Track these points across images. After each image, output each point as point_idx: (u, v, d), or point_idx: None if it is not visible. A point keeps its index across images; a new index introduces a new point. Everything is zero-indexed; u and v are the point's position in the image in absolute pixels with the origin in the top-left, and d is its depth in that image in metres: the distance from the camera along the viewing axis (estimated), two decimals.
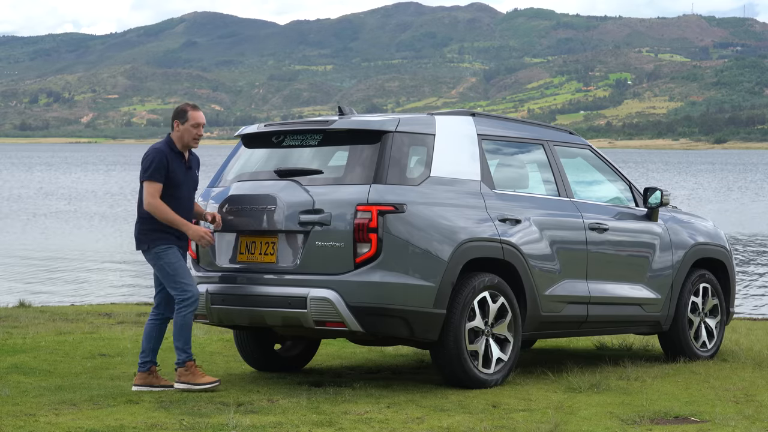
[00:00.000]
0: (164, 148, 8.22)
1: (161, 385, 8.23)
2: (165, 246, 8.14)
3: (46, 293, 19.96)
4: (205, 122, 8.36)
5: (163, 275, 8.18)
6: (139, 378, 8.25)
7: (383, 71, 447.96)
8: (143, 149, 8.63)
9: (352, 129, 8.40)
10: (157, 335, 8.32)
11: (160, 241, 8.15)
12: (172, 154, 8.21)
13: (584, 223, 9.31)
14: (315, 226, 8.09)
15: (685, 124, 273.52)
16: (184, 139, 8.26)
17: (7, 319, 13.26)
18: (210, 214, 8.44)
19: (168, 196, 8.17)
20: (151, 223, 8.16)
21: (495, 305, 8.45)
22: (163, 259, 8.14)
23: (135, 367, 9.25)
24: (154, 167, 8.13)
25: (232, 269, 8.51)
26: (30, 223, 37.96)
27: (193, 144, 8.31)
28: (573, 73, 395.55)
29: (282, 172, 8.50)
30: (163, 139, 8.34)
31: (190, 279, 8.20)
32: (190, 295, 8.13)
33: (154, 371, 8.27)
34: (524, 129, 9.48)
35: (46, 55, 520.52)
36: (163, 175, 8.13)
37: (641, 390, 8.48)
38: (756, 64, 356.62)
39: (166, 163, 8.14)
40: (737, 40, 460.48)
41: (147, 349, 8.29)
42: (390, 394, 8.12)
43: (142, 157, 8.27)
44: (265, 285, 8.26)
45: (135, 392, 8.08)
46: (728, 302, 10.60)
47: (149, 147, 8.33)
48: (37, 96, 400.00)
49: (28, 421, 7.01)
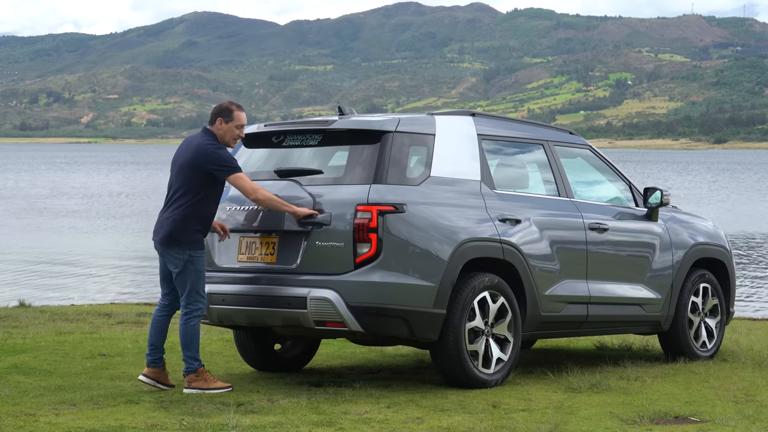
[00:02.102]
0: (216, 142, 8.11)
1: (167, 385, 8.21)
2: (201, 253, 8.08)
3: (46, 293, 19.96)
4: (246, 124, 8.33)
5: (185, 279, 8.05)
6: (152, 372, 8.21)
7: (383, 71, 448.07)
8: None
9: (352, 129, 8.39)
10: (166, 329, 8.30)
11: (198, 245, 8.06)
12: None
13: (584, 223, 9.31)
14: (315, 227, 8.09)
15: (685, 124, 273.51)
16: (226, 138, 8.17)
17: (7, 319, 13.26)
18: (219, 225, 8.40)
19: (215, 192, 8.09)
20: (194, 223, 8.04)
21: (495, 305, 8.45)
22: (195, 265, 8.06)
23: (135, 367, 9.25)
24: (231, 158, 8.05)
25: (232, 269, 8.51)
26: (30, 223, 37.97)
27: (233, 144, 8.22)
28: (573, 73, 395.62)
29: (282, 172, 8.49)
30: (204, 135, 8.16)
31: (205, 290, 8.18)
32: (201, 306, 8.11)
33: (165, 368, 8.26)
34: (524, 129, 9.48)
35: (46, 55, 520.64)
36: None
37: (641, 390, 8.48)
38: (756, 64, 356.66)
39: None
40: (737, 40, 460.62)
41: (159, 344, 8.23)
42: (390, 394, 8.12)
43: (201, 155, 8.00)
44: (264, 285, 8.26)
45: (135, 392, 8.07)
46: (728, 302, 10.60)
47: (199, 144, 8.08)
48: (37, 96, 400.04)
49: (28, 421, 7.01)
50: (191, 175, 8.03)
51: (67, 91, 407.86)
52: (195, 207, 8.03)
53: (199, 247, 8.09)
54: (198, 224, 8.06)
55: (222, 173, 8.02)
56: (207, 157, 8.02)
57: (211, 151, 8.04)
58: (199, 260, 8.09)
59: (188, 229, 8.04)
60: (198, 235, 8.08)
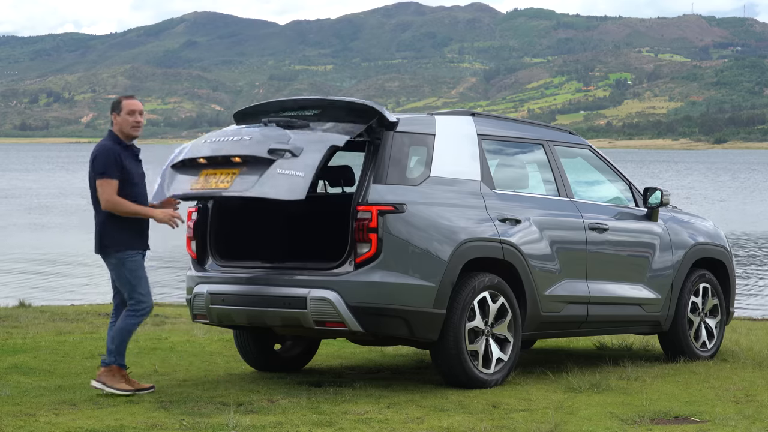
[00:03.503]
0: (111, 144, 8.04)
1: (135, 389, 8.04)
2: (131, 252, 8.00)
3: (46, 293, 19.95)
4: (141, 108, 8.13)
5: (122, 282, 8.03)
6: (103, 374, 8.06)
7: (383, 71, 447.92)
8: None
9: (349, 103, 8.35)
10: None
11: (125, 247, 7.99)
12: (119, 149, 8.04)
13: (584, 223, 9.31)
14: (281, 155, 7.90)
15: (685, 124, 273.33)
16: (124, 129, 8.07)
17: (7, 319, 13.26)
18: (168, 214, 8.13)
19: (126, 192, 7.99)
20: (115, 226, 7.98)
21: (495, 305, 8.44)
22: (127, 265, 7.99)
23: (135, 367, 9.25)
24: (108, 164, 7.93)
25: (231, 267, 8.53)
26: (32, 222, 37.96)
27: (134, 132, 8.09)
28: (573, 73, 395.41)
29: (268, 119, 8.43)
30: (104, 138, 8.15)
31: (148, 290, 8.08)
32: (144, 305, 8.02)
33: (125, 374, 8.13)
34: (524, 129, 9.48)
35: (46, 55, 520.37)
36: (118, 172, 7.94)
37: (641, 390, 8.48)
38: (756, 64, 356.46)
39: (120, 159, 7.97)
40: (737, 40, 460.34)
41: (113, 349, 8.15)
42: (390, 394, 8.12)
43: (90, 158, 8.06)
44: (264, 285, 8.26)
45: (135, 393, 8.07)
46: (728, 302, 10.60)
47: (95, 146, 8.12)
48: (37, 96, 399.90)
49: (28, 421, 7.02)
50: (92, 181, 8.06)
51: (67, 91, 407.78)
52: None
53: (128, 247, 7.99)
54: (118, 226, 7.99)
55: (96, 175, 7.97)
56: (92, 161, 8.04)
57: (94, 155, 8.04)
58: (131, 260, 8.00)
59: (110, 232, 8.02)
60: (123, 236, 7.99)
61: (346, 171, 9.17)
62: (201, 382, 8.66)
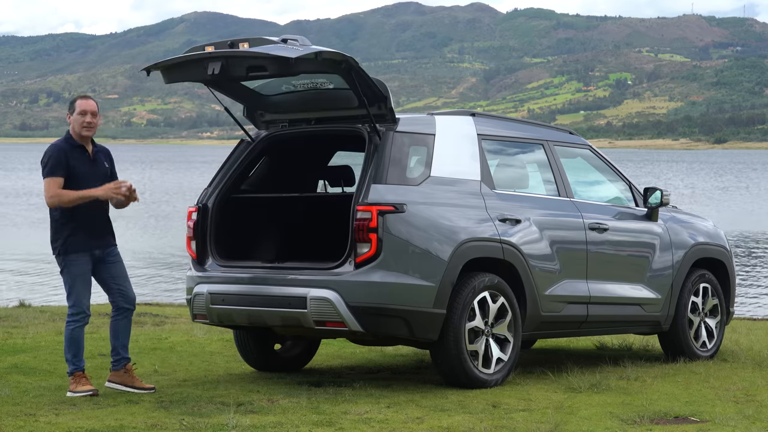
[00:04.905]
0: (61, 143, 8.05)
1: (135, 387, 8.13)
2: (73, 256, 7.97)
3: (46, 293, 19.95)
4: (93, 109, 8.06)
5: (65, 284, 8.06)
6: (114, 376, 8.19)
7: (383, 71, 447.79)
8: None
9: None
10: (123, 330, 8.23)
11: (69, 249, 7.97)
12: (69, 148, 8.01)
13: (584, 223, 9.31)
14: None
15: (685, 124, 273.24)
16: (76, 128, 8.04)
17: (7, 319, 13.26)
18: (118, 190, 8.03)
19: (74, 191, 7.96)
20: (62, 227, 7.97)
21: (495, 305, 8.44)
22: (69, 269, 8.00)
23: (135, 367, 9.25)
24: (52, 163, 7.92)
25: (231, 267, 8.54)
26: (30, 223, 37.97)
27: (85, 132, 8.03)
28: (573, 73, 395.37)
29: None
30: (61, 138, 8.16)
31: (86, 295, 8.07)
32: (79, 310, 8.03)
33: (130, 369, 8.21)
34: (524, 129, 9.48)
35: (46, 55, 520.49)
36: (64, 170, 7.91)
37: (641, 390, 8.48)
38: (756, 64, 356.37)
39: (65, 159, 7.94)
40: (737, 40, 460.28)
41: (116, 347, 8.20)
42: (390, 394, 8.12)
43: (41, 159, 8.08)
44: (265, 285, 8.26)
45: (135, 392, 8.07)
46: (728, 302, 10.60)
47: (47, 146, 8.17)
48: (37, 96, 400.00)
49: (28, 421, 7.01)
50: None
51: (67, 91, 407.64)
52: (59, 212, 7.98)
53: (72, 251, 7.96)
54: (65, 228, 7.97)
55: (42, 174, 7.96)
56: (41, 160, 8.02)
57: (43, 155, 8.01)
58: (73, 264, 7.99)
59: (57, 235, 8.01)
60: (70, 239, 7.96)
61: (346, 171, 9.18)
62: (201, 382, 8.67)
